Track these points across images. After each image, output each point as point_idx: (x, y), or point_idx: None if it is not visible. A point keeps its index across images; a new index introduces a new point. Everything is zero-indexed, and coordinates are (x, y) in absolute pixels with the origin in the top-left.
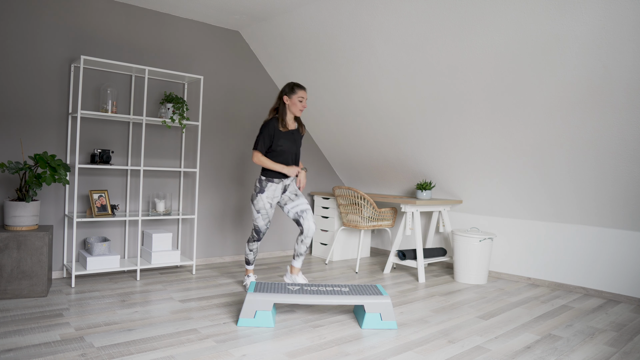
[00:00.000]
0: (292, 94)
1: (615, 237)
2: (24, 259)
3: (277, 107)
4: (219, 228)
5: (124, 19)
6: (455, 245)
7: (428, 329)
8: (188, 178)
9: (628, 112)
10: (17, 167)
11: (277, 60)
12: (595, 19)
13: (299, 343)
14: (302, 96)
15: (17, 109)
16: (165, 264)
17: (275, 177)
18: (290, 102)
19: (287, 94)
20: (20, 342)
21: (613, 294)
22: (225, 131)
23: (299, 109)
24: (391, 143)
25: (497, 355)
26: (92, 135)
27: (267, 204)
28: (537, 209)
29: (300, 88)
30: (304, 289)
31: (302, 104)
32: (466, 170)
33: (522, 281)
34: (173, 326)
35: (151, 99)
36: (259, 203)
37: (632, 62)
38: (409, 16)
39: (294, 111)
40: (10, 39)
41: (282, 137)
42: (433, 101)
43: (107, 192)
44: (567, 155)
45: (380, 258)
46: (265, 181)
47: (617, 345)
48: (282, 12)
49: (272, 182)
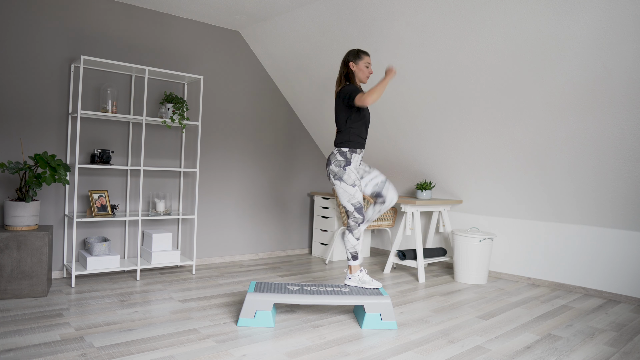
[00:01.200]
0: (358, 60)
1: (615, 237)
2: (24, 259)
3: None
4: (219, 228)
5: (124, 19)
6: (455, 245)
7: (428, 329)
8: (188, 178)
9: (628, 112)
10: (17, 167)
11: (277, 60)
12: (595, 19)
13: (299, 343)
14: (368, 62)
15: (17, 109)
16: (165, 264)
17: (358, 147)
18: (357, 69)
19: (353, 60)
20: (20, 342)
21: (613, 294)
22: (225, 131)
23: (366, 76)
24: (391, 143)
25: (497, 355)
26: (92, 135)
27: (356, 174)
28: (537, 209)
29: (365, 54)
30: (304, 289)
31: (369, 69)
32: (466, 170)
33: (522, 281)
34: (173, 326)
35: (151, 99)
36: (352, 175)
37: (632, 62)
38: (408, 16)
39: (361, 78)
40: (10, 39)
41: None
42: (433, 101)
43: (107, 192)
44: (567, 155)
45: (380, 258)
46: (349, 152)
47: (617, 345)
48: (282, 12)
49: (355, 152)
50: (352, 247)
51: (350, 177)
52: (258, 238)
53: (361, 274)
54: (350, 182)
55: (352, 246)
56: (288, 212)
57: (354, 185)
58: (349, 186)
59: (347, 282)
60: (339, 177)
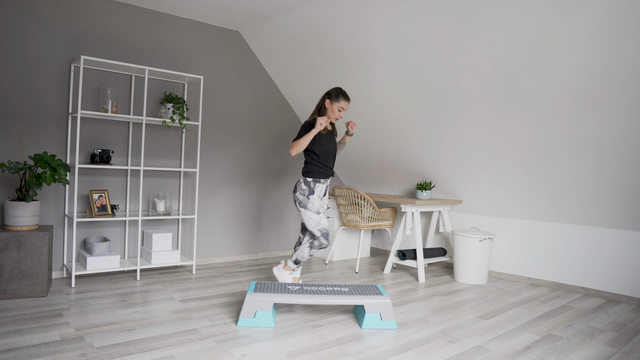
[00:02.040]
0: (334, 101)
1: (615, 237)
2: (24, 259)
3: (319, 107)
4: (219, 228)
5: (124, 19)
6: (455, 245)
7: (428, 329)
8: (188, 178)
9: (628, 112)
10: (17, 167)
11: (277, 60)
12: (595, 19)
13: (299, 343)
14: (342, 107)
15: (17, 109)
16: (165, 264)
17: (321, 177)
18: (330, 108)
19: (331, 98)
20: (20, 342)
21: (613, 294)
22: (225, 131)
23: (335, 118)
24: (391, 143)
25: (497, 355)
26: (92, 135)
27: (320, 202)
28: (537, 209)
29: (344, 98)
30: (304, 289)
31: (340, 114)
32: (466, 170)
33: (522, 281)
34: (173, 326)
35: (151, 99)
36: (315, 203)
37: (632, 62)
38: (409, 16)
39: (331, 117)
40: (11, 39)
41: (324, 138)
42: (433, 101)
43: (107, 192)
44: (567, 155)
45: (380, 258)
46: (313, 182)
47: (617, 345)
48: (282, 12)
49: (319, 182)
50: (301, 257)
51: (314, 205)
52: (258, 238)
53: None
54: (315, 210)
55: (301, 257)
56: (288, 212)
57: (318, 212)
58: (313, 213)
59: (274, 269)
60: (304, 205)
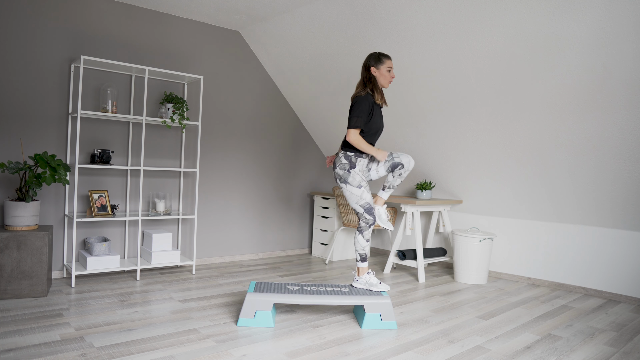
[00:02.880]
0: (379, 64)
1: (615, 237)
2: (24, 259)
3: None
4: (219, 228)
5: (124, 19)
6: (455, 245)
7: (428, 329)
8: (188, 178)
9: (628, 112)
10: (17, 167)
11: (277, 60)
12: (595, 19)
13: (299, 343)
14: (390, 66)
15: (17, 109)
16: (165, 264)
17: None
18: (379, 73)
19: (375, 64)
20: (20, 342)
21: (613, 294)
22: (225, 131)
23: (388, 81)
24: (391, 143)
25: (497, 355)
26: (92, 135)
27: (361, 175)
28: (537, 209)
29: (387, 57)
30: (303, 289)
31: (391, 74)
32: (466, 170)
33: (522, 281)
34: (173, 326)
35: (151, 99)
36: (356, 177)
37: (632, 62)
38: (408, 17)
39: (383, 83)
40: (10, 39)
41: (376, 114)
42: (433, 101)
43: (107, 192)
44: (567, 155)
45: (380, 258)
46: (355, 156)
47: (617, 345)
48: (282, 12)
49: (361, 157)
50: (361, 248)
51: (355, 179)
52: (258, 238)
53: (369, 276)
54: (356, 184)
55: (361, 247)
56: (288, 212)
57: (360, 186)
58: (354, 188)
59: (354, 284)
60: (344, 179)
